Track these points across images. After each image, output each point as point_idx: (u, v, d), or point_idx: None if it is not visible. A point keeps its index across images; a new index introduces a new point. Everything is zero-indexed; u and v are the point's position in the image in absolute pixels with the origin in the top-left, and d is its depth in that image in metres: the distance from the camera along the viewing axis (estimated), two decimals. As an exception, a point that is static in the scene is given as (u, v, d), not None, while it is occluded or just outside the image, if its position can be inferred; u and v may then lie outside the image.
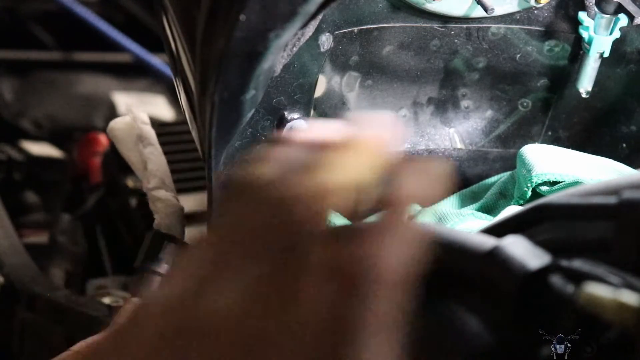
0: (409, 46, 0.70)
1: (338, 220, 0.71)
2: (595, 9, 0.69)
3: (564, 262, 0.39)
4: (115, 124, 0.74)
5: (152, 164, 0.72)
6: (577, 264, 0.38)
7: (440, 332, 0.42)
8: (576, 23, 0.70)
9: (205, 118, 0.59)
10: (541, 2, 0.68)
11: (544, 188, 0.68)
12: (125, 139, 0.73)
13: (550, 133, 0.77)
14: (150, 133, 0.74)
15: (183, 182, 1.17)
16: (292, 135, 0.40)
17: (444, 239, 0.42)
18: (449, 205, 0.73)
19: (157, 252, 0.60)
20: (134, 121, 0.74)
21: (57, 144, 1.41)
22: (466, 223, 0.68)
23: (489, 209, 0.71)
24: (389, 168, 0.39)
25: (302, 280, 0.36)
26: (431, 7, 0.67)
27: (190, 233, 1.03)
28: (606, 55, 0.71)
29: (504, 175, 0.73)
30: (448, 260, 0.42)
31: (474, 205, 0.72)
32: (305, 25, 0.60)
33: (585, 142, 0.77)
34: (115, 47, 1.51)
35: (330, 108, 0.70)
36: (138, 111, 0.75)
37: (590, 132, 0.77)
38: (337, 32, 0.66)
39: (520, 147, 0.71)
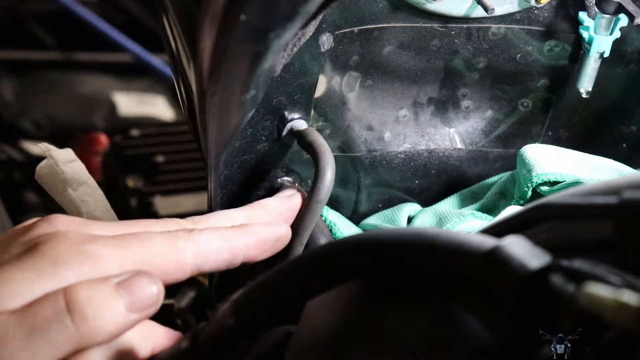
0: (409, 46, 0.70)
1: (338, 220, 0.71)
2: (596, 9, 0.69)
3: (564, 262, 0.39)
4: (41, 169, 0.66)
5: (87, 206, 0.65)
6: (578, 263, 0.38)
7: (440, 332, 0.42)
8: (576, 23, 0.70)
9: (205, 118, 0.59)
10: (541, 2, 0.68)
11: (545, 188, 0.68)
12: (54, 185, 0.66)
13: (550, 133, 0.77)
14: (78, 170, 0.66)
15: (183, 182, 1.17)
16: None
17: (443, 240, 0.42)
18: (449, 205, 0.73)
19: None
20: (55, 165, 0.65)
21: (57, 144, 1.40)
22: (466, 223, 0.69)
23: (489, 209, 0.71)
24: None
25: None
26: (431, 7, 0.67)
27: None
28: (606, 55, 0.71)
29: (504, 175, 0.73)
30: (448, 260, 0.42)
31: (474, 205, 0.72)
32: (305, 25, 0.60)
33: (585, 142, 0.77)
34: (115, 47, 1.51)
35: (330, 108, 0.70)
36: (57, 151, 0.65)
37: (590, 132, 0.77)
38: (337, 32, 0.66)
39: (520, 147, 0.71)
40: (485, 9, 0.67)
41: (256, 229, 0.59)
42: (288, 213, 0.64)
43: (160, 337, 0.54)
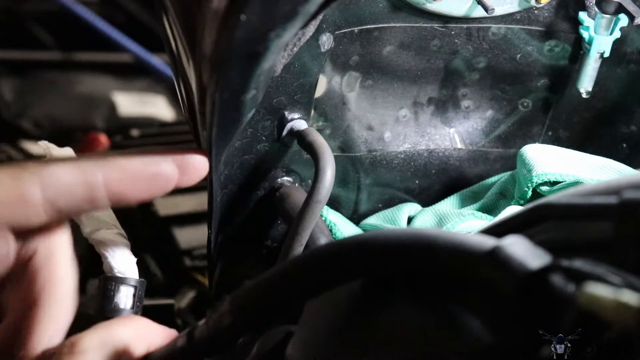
0: (409, 46, 0.70)
1: (338, 220, 0.71)
2: (596, 9, 0.69)
3: (565, 262, 0.39)
4: None
5: None
6: (578, 263, 0.38)
7: (441, 332, 0.42)
8: (576, 23, 0.70)
9: (206, 118, 0.59)
10: (542, 2, 0.68)
11: (545, 188, 0.68)
12: None
13: (550, 133, 0.77)
14: None
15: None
16: None
17: (443, 240, 0.42)
18: (449, 205, 0.73)
19: (112, 297, 0.59)
20: None
21: (57, 144, 1.40)
22: (466, 223, 0.69)
23: (490, 209, 0.71)
24: None
25: None
26: (431, 7, 0.67)
27: (189, 234, 1.03)
28: (606, 55, 0.71)
29: (504, 175, 0.73)
30: (448, 260, 0.42)
31: (474, 205, 0.72)
32: (305, 25, 0.60)
33: (585, 142, 0.77)
34: (115, 47, 1.51)
35: (330, 108, 0.70)
36: (56, 149, 0.64)
37: (590, 132, 0.77)
38: (337, 32, 0.66)
39: (520, 147, 0.71)
40: (486, 9, 0.67)
41: (120, 163, 0.51)
42: (180, 163, 0.54)
43: (156, 335, 0.53)
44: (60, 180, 0.50)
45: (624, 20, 0.69)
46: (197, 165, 0.54)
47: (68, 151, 0.66)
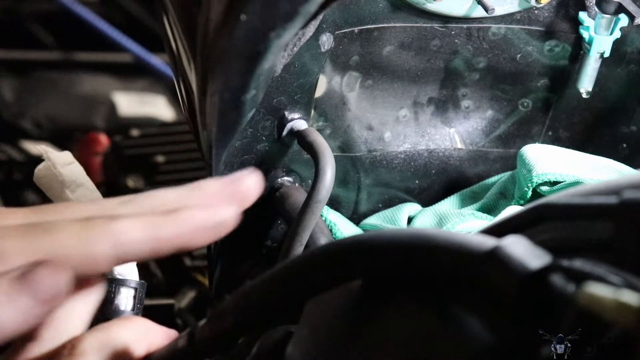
0: (409, 46, 0.70)
1: (338, 220, 0.71)
2: (596, 9, 0.69)
3: (565, 262, 0.39)
4: (39, 171, 0.65)
5: None
6: (578, 263, 0.38)
7: (441, 332, 0.42)
8: (576, 23, 0.70)
9: (206, 118, 0.59)
10: (542, 2, 0.68)
11: (545, 188, 0.68)
12: (52, 187, 0.64)
13: (550, 133, 0.77)
14: (75, 172, 0.64)
15: (183, 182, 1.17)
16: None
17: (443, 240, 0.42)
18: (449, 205, 0.73)
19: (112, 299, 0.59)
20: (53, 167, 0.64)
21: (57, 144, 1.41)
22: (466, 223, 0.68)
23: (490, 209, 0.71)
24: None
25: None
26: (431, 7, 0.67)
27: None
28: (607, 55, 0.71)
29: (505, 175, 0.73)
30: (448, 260, 0.42)
31: (474, 205, 0.72)
32: (305, 25, 0.60)
33: (585, 142, 0.77)
34: (115, 47, 1.51)
35: (330, 108, 0.70)
36: (55, 154, 0.64)
37: (590, 132, 0.77)
38: (337, 32, 0.66)
39: (520, 147, 0.71)
40: (486, 9, 0.67)
41: (187, 216, 0.52)
42: (235, 195, 0.54)
43: (156, 335, 0.53)
44: (131, 237, 0.51)
45: (624, 20, 0.69)
46: (253, 192, 0.54)
47: (67, 155, 0.66)
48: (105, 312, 0.58)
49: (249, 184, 0.54)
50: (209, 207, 0.52)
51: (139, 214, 0.52)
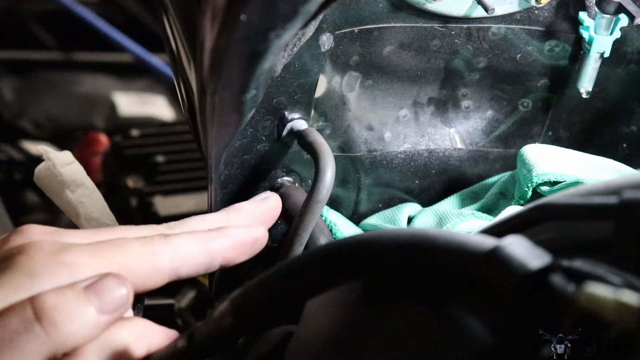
0: (409, 46, 0.70)
1: (338, 220, 0.71)
2: (596, 9, 0.69)
3: (565, 262, 0.39)
4: (39, 171, 0.66)
5: (85, 207, 0.64)
6: (578, 263, 0.38)
7: (441, 332, 0.42)
8: (576, 23, 0.70)
9: (206, 118, 0.59)
10: (542, 2, 0.68)
11: (545, 188, 0.68)
12: (52, 187, 0.65)
13: (550, 133, 0.77)
14: (75, 172, 0.66)
15: (183, 182, 1.17)
16: None
17: (443, 240, 0.42)
18: (449, 205, 0.73)
19: None
20: (53, 167, 0.65)
21: (57, 144, 1.41)
22: (466, 223, 0.68)
23: (490, 209, 0.71)
24: None
25: None
26: (431, 7, 0.67)
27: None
28: (607, 55, 0.71)
29: (505, 175, 0.73)
30: (448, 260, 0.42)
31: (474, 205, 0.72)
32: (305, 25, 0.60)
33: (585, 142, 0.77)
34: (115, 47, 1.51)
35: (330, 108, 0.70)
36: (55, 154, 0.66)
37: (590, 132, 0.77)
38: (337, 32, 0.66)
39: (520, 147, 0.71)
40: (486, 9, 0.67)
41: (232, 232, 0.59)
42: (263, 215, 0.64)
43: (156, 336, 0.54)
44: (185, 251, 0.57)
45: (624, 20, 0.69)
46: (277, 211, 0.65)
47: (67, 155, 0.66)
48: None
49: (273, 205, 0.64)
50: (247, 226, 0.61)
51: (191, 231, 0.58)
